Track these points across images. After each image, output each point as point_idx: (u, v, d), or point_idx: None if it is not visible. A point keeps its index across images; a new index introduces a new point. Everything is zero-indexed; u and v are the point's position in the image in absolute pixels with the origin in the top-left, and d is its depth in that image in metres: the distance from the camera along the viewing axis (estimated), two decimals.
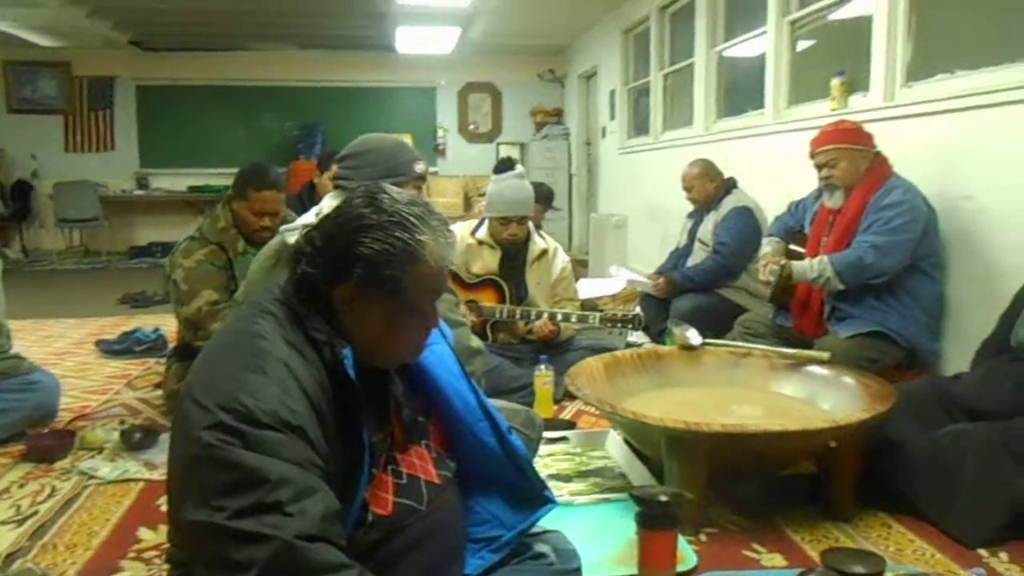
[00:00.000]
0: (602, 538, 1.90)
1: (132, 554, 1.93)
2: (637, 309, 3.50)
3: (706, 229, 3.92)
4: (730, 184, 3.96)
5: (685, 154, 4.70)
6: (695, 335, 2.71)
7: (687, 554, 1.83)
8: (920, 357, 2.80)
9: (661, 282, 3.90)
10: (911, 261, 2.74)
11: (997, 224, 2.71)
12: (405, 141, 2.28)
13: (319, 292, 1.22)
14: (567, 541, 1.52)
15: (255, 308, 1.24)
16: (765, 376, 2.57)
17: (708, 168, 4.00)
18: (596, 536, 1.90)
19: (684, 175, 4.05)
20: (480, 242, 3.39)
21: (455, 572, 1.35)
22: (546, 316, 3.25)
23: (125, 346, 4.23)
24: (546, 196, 5.00)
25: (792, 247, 3.11)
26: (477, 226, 3.45)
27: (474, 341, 2.50)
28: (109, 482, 2.38)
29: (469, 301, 3.28)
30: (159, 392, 3.30)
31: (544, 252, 3.43)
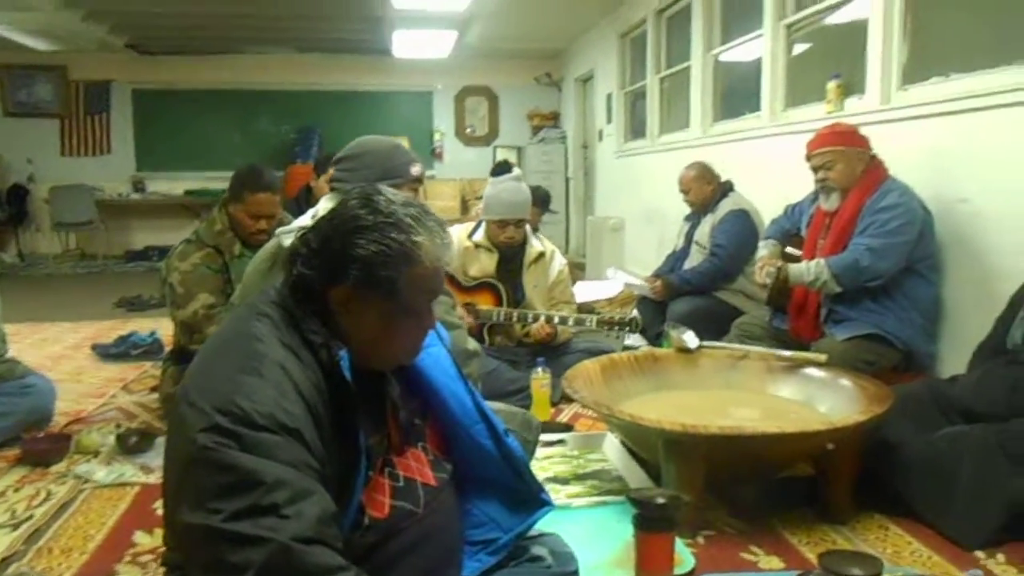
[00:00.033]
0: (599, 541, 1.89)
1: (128, 558, 1.93)
2: (634, 312, 3.49)
3: (703, 232, 3.92)
4: (727, 187, 3.97)
5: (682, 157, 4.71)
6: (692, 337, 2.71)
7: (684, 557, 1.83)
8: (917, 359, 2.80)
9: (658, 285, 3.91)
10: (907, 263, 2.74)
11: (993, 226, 2.71)
12: (401, 143, 2.28)
13: (315, 294, 1.22)
14: (564, 544, 1.51)
15: (251, 310, 1.23)
16: (762, 378, 2.57)
17: (705, 171, 4.01)
18: (593, 539, 1.90)
19: (681, 178, 4.06)
20: (477, 245, 3.38)
21: (452, 575, 1.34)
22: (543, 318, 3.25)
23: (121, 350, 4.22)
24: (543, 199, 5.01)
25: (788, 250, 3.11)
26: (474, 229, 3.45)
27: (470, 343, 2.50)
28: (105, 486, 2.38)
29: (466, 304, 3.27)
30: (155, 396, 3.30)
31: (541, 255, 3.43)
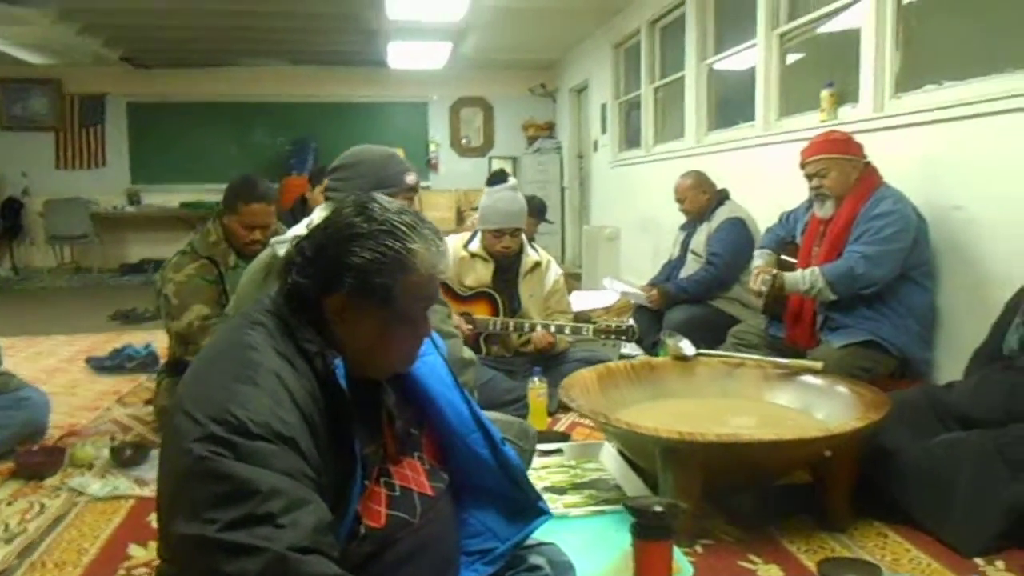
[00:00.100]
0: (597, 550, 1.88)
1: (122, 571, 1.92)
2: (630, 321, 3.49)
3: (699, 240, 3.93)
4: (722, 195, 3.97)
5: (677, 166, 4.72)
6: (688, 346, 2.71)
7: (683, 565, 1.82)
8: (913, 366, 2.80)
9: (654, 294, 3.91)
10: (902, 271, 2.75)
11: (987, 233, 2.72)
12: (396, 152, 2.28)
13: (310, 302, 1.22)
14: (562, 553, 1.51)
15: (245, 319, 1.23)
16: (759, 386, 2.57)
17: (701, 179, 4.02)
18: (591, 548, 1.88)
19: (677, 186, 4.06)
20: (473, 255, 3.38)
21: None
22: (540, 327, 3.25)
23: (116, 363, 4.21)
24: (539, 209, 5.01)
25: (784, 257, 3.12)
26: (470, 239, 3.45)
27: (466, 352, 2.49)
28: (99, 499, 2.36)
29: (462, 314, 3.27)
30: (150, 408, 3.28)
31: (537, 264, 3.43)
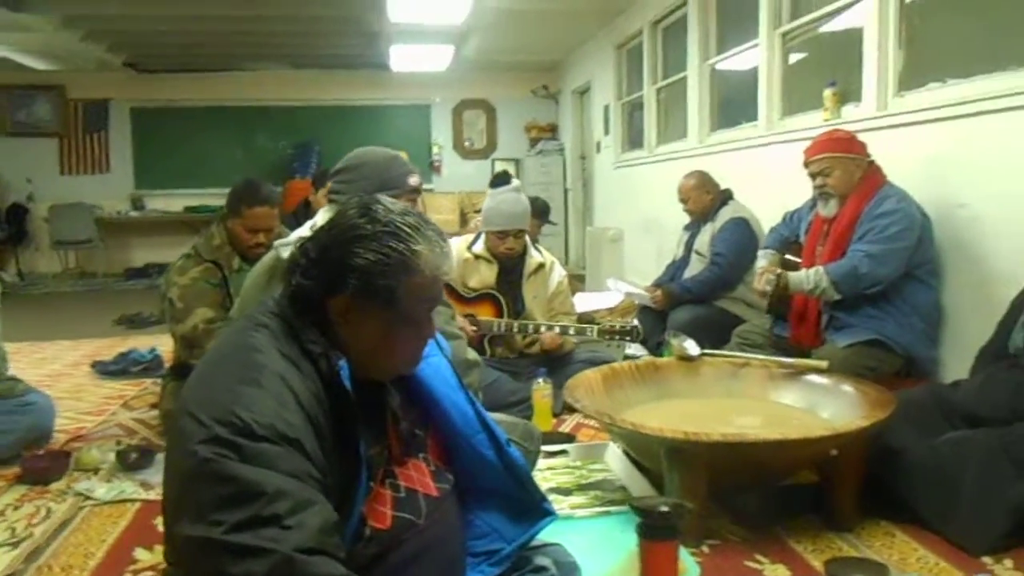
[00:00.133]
0: (603, 551, 1.88)
1: (128, 575, 1.92)
2: (635, 321, 3.48)
3: (703, 240, 3.92)
4: (726, 195, 3.97)
5: (680, 167, 4.72)
6: (693, 346, 2.70)
7: (689, 565, 1.81)
8: (918, 365, 2.80)
9: (659, 294, 3.90)
10: (907, 269, 2.74)
11: (992, 231, 2.71)
12: (399, 154, 2.28)
13: (314, 304, 1.22)
14: (568, 554, 1.50)
15: (250, 321, 1.23)
16: (764, 386, 2.56)
17: (704, 180, 4.02)
18: (597, 549, 1.88)
19: (680, 187, 4.06)
20: (477, 256, 3.38)
21: None
22: (544, 328, 3.24)
23: (121, 367, 4.21)
24: (542, 210, 5.01)
25: (788, 257, 3.11)
26: (474, 240, 3.45)
27: (470, 354, 2.49)
28: (105, 503, 2.36)
29: (467, 315, 3.27)
30: (155, 412, 3.28)
31: (541, 266, 3.43)
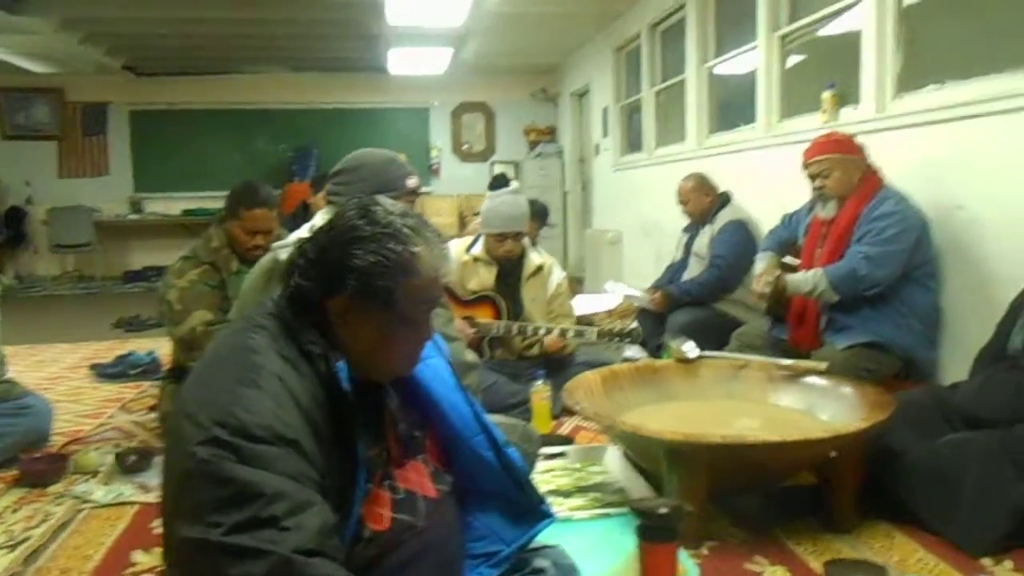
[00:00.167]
0: (602, 553, 1.88)
1: None
2: (634, 323, 3.48)
3: (701, 243, 3.92)
4: (725, 198, 3.97)
5: (678, 169, 4.71)
6: (692, 348, 2.70)
7: (688, 567, 1.81)
8: (917, 367, 2.79)
9: (658, 296, 3.90)
10: (905, 271, 2.74)
11: (990, 233, 2.71)
12: (397, 156, 2.28)
13: (313, 305, 1.22)
14: (567, 556, 1.50)
15: (248, 322, 1.23)
16: (763, 388, 2.56)
17: (703, 182, 4.02)
18: (596, 551, 1.88)
19: (679, 189, 4.06)
20: (476, 259, 3.38)
21: None
22: (543, 331, 3.24)
23: (119, 369, 4.21)
24: (541, 213, 5.00)
25: (786, 259, 3.11)
26: (472, 243, 3.44)
27: (469, 355, 2.49)
28: (103, 506, 2.36)
29: (465, 317, 3.27)
30: (153, 415, 3.28)
31: (540, 268, 3.42)
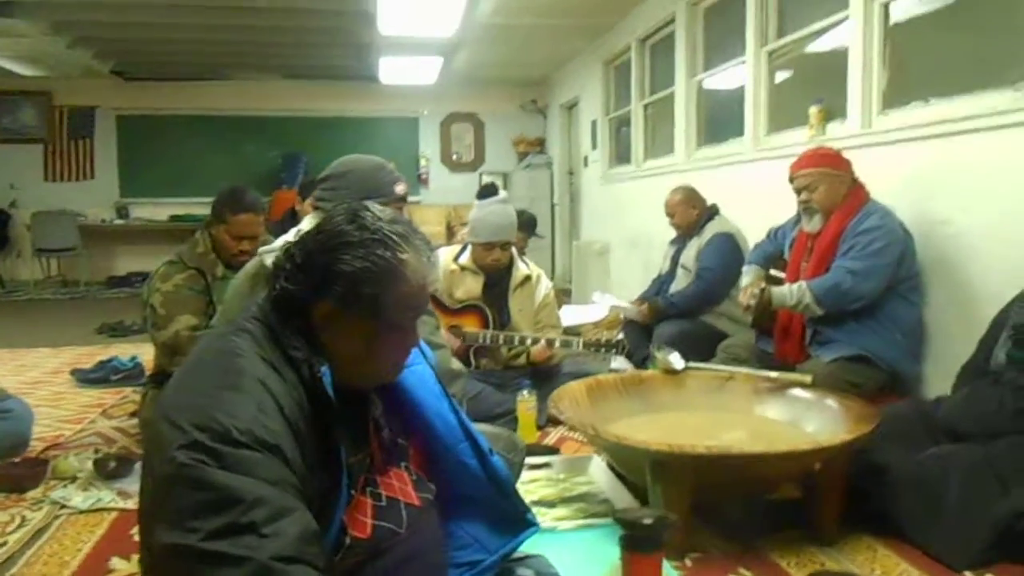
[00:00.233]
0: (586, 563, 1.86)
1: None
2: (621, 335, 3.48)
3: (688, 255, 3.94)
4: (712, 211, 3.99)
5: (666, 182, 4.73)
6: (678, 359, 2.70)
7: None
8: (902, 381, 2.81)
9: (645, 308, 3.90)
10: (889, 285, 2.76)
11: (974, 248, 2.73)
12: (385, 162, 2.28)
13: (298, 310, 1.21)
14: (550, 566, 1.50)
15: (232, 326, 1.22)
16: (749, 399, 2.56)
17: (690, 195, 4.03)
18: (580, 562, 1.87)
19: (667, 201, 4.08)
20: (463, 268, 3.37)
21: None
22: (529, 341, 3.23)
23: (101, 375, 4.16)
24: (529, 223, 5.02)
25: (772, 272, 3.12)
26: (460, 252, 3.44)
27: (454, 364, 2.48)
28: (82, 512, 2.33)
29: (452, 327, 3.26)
30: (135, 421, 3.24)
31: (527, 278, 3.42)
